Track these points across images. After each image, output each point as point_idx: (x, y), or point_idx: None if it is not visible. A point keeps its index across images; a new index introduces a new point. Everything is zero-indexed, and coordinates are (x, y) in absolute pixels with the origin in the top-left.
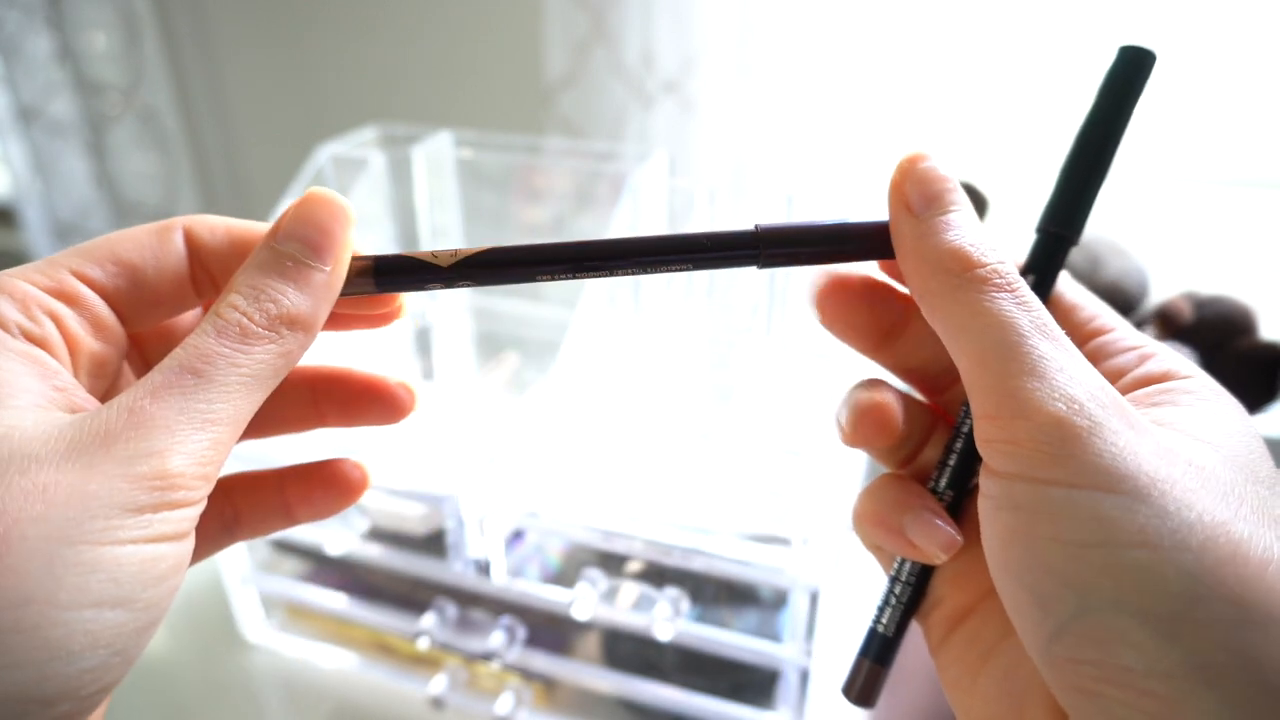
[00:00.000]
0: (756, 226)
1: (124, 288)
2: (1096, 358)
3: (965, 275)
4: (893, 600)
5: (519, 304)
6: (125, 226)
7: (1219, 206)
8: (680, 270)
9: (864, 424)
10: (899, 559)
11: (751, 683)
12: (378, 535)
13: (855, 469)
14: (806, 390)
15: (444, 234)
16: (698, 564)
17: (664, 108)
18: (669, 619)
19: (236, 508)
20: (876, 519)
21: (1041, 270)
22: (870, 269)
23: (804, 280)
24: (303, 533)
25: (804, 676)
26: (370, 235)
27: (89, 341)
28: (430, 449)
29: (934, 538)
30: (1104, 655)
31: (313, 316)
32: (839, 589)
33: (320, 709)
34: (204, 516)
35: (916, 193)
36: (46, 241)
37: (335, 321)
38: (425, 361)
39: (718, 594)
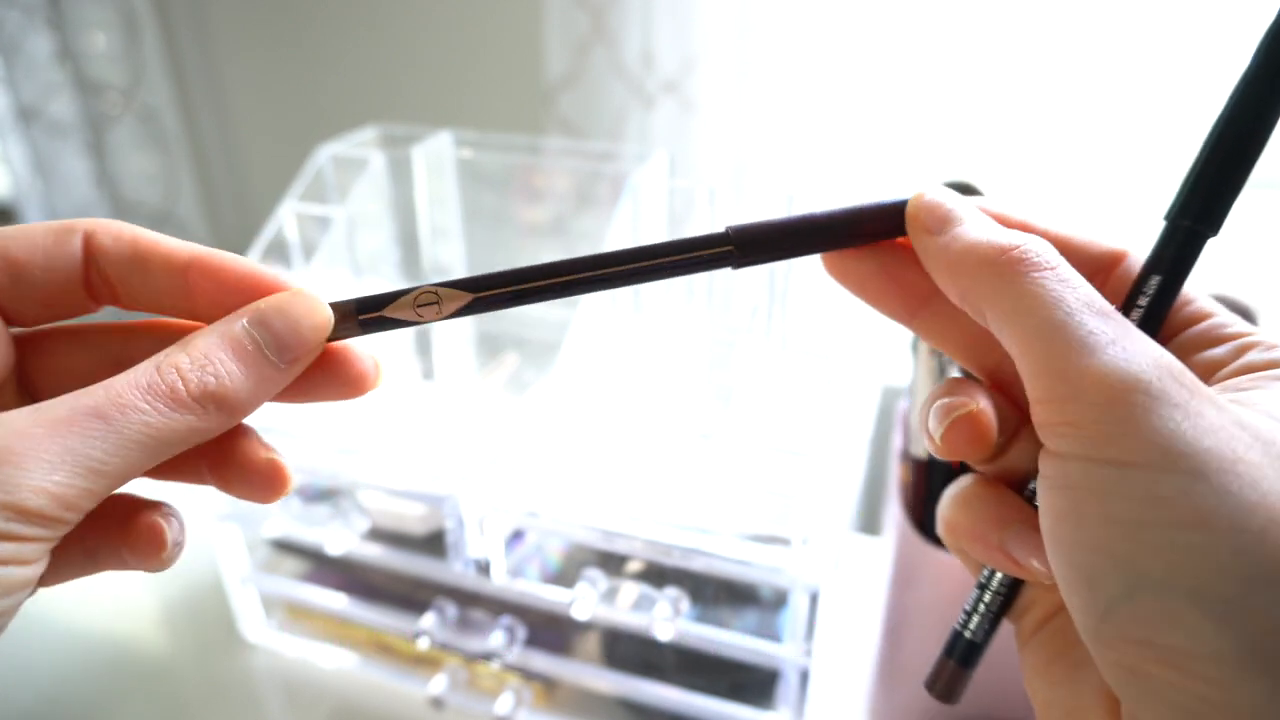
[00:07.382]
0: (728, 229)
1: (6, 284)
2: (1191, 349)
3: (1002, 259)
4: (981, 608)
5: None
6: None
7: None
8: (661, 279)
9: (955, 433)
10: (988, 567)
11: (751, 683)
12: (378, 535)
13: (855, 469)
14: (806, 391)
15: (444, 234)
16: (698, 564)
17: (664, 108)
18: (669, 619)
19: (94, 543)
20: (973, 534)
21: (1169, 270)
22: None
23: (805, 282)
24: (303, 533)
25: (804, 676)
26: (370, 235)
27: None
28: (430, 449)
29: (1043, 558)
30: (1154, 635)
31: (245, 405)
32: (839, 589)
33: (320, 709)
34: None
35: (930, 216)
36: None
37: (298, 389)
38: (425, 361)
39: (718, 594)
